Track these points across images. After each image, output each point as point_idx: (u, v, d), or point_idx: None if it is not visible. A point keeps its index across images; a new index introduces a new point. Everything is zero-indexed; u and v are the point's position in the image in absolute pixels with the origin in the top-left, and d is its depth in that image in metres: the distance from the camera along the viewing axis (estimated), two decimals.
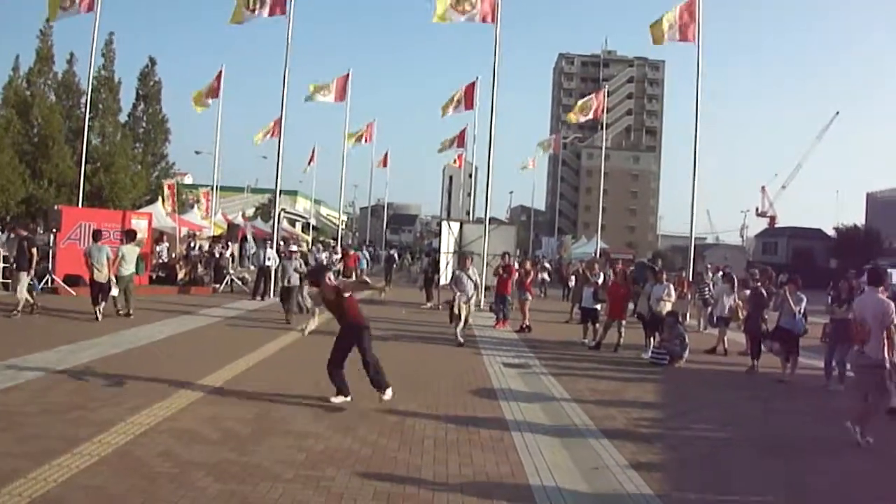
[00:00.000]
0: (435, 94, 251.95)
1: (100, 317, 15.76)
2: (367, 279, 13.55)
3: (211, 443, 7.19)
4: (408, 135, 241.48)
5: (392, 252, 45.43)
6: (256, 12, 23.67)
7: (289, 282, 18.62)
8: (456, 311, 15.98)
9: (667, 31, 23.18)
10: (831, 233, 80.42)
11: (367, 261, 34.76)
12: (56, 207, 23.38)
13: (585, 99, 38.65)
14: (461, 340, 15.47)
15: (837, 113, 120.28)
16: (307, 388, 9.99)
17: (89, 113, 29.57)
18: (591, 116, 38.35)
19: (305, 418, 8.39)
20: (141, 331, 14.60)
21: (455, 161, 54.25)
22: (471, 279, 16.24)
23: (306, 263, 21.54)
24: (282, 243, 26.56)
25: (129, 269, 17.02)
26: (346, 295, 9.25)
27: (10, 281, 20.13)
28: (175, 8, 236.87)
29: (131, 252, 17.31)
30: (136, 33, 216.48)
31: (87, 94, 31.47)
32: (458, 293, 16.00)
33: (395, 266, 41.25)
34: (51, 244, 22.09)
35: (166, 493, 5.75)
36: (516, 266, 21.10)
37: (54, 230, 21.68)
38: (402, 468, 6.74)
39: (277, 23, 24.58)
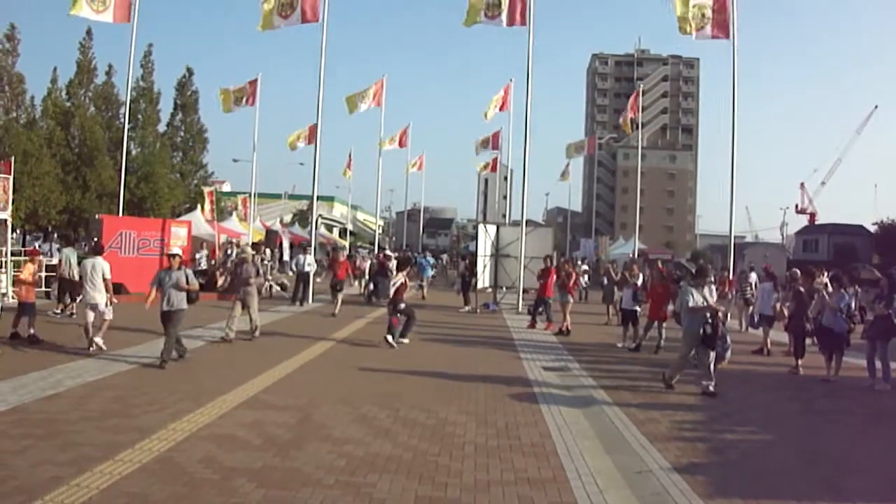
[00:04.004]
0: (469, 96, 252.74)
1: (59, 312, 17.53)
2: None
3: (252, 448, 7.20)
4: (442, 138, 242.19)
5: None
6: (289, 19, 23.74)
7: (169, 304, 12.05)
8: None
9: (694, 21, 22.72)
10: (873, 228, 78.83)
11: (431, 267, 33.99)
12: (97, 217, 23.68)
13: (626, 111, 38.55)
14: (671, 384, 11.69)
15: (876, 107, 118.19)
16: (347, 393, 10.00)
17: (129, 123, 29.99)
18: (631, 116, 38.26)
19: (346, 424, 8.37)
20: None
21: (489, 165, 54.12)
22: (706, 299, 11.67)
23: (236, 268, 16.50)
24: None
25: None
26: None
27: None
28: (211, 17, 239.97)
29: (74, 254, 18.57)
30: (173, 43, 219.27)
31: (125, 105, 31.98)
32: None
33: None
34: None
35: (208, 499, 5.76)
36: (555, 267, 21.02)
37: (95, 239, 21.97)
38: (442, 473, 6.69)
39: (312, 29, 24.78)
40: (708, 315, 11.36)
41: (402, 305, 15.32)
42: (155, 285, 12.14)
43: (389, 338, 14.88)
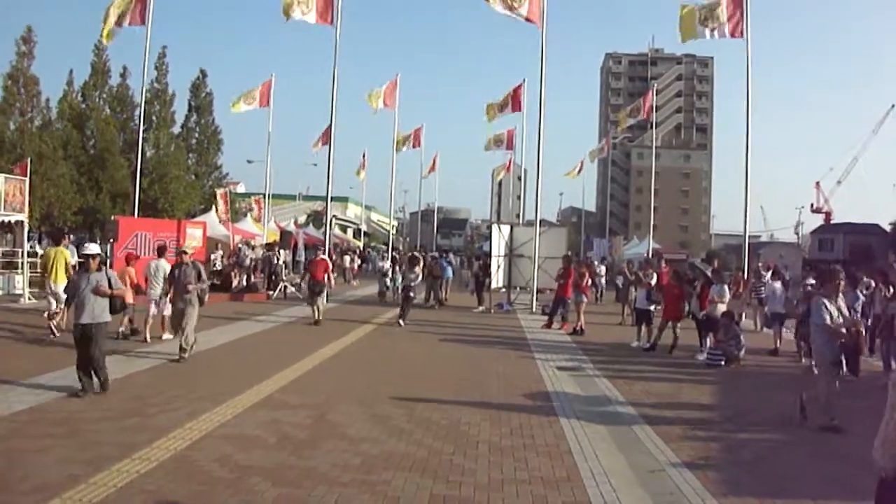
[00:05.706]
0: (482, 96, 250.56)
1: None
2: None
3: (268, 447, 7.26)
4: (456, 138, 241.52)
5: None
6: (305, 16, 23.70)
7: (90, 315, 9.51)
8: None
9: (699, 26, 22.73)
10: (889, 227, 78.31)
11: (453, 269, 33.59)
12: (113, 218, 23.86)
13: (635, 103, 38.52)
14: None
15: (893, 106, 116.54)
16: (361, 393, 10.04)
17: (143, 125, 30.17)
18: (641, 117, 38.10)
19: (361, 423, 8.41)
20: (199, 337, 14.77)
21: (504, 167, 54.03)
22: (841, 313, 9.45)
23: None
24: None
25: None
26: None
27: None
28: (225, 19, 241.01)
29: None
30: (187, 45, 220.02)
31: (140, 107, 32.12)
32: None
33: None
34: (108, 254, 22.57)
35: (224, 497, 5.81)
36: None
37: (112, 240, 22.13)
38: (457, 472, 6.72)
39: (325, 29, 24.73)
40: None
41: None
42: (70, 295, 9.93)
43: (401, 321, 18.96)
